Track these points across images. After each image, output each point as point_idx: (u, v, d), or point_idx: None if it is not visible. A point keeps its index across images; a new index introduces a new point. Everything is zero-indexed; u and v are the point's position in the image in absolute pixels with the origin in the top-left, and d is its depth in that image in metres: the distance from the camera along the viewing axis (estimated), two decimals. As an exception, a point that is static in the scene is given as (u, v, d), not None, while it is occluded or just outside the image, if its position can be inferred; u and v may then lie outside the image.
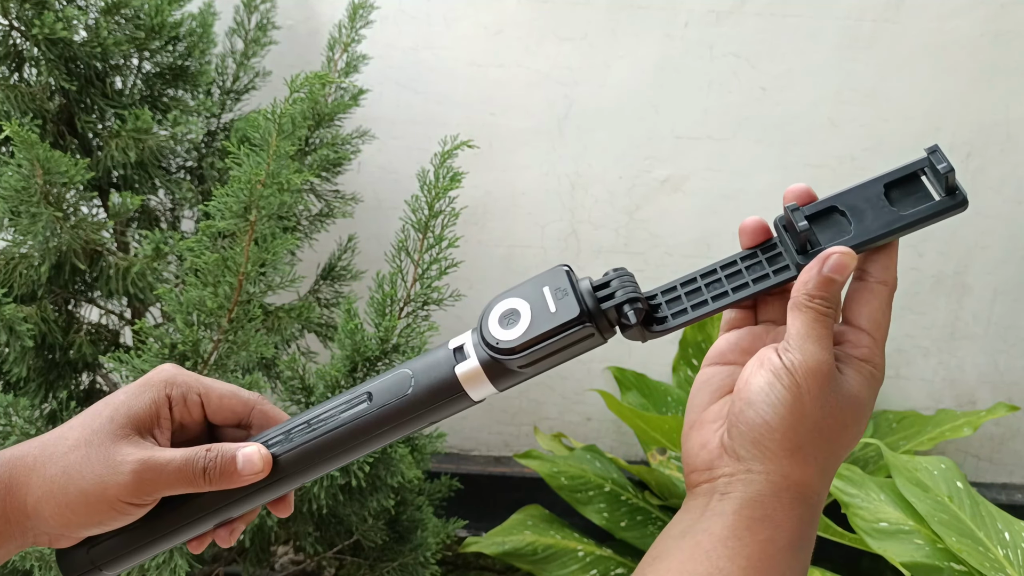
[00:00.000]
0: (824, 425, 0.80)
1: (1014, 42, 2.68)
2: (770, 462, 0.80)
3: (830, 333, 0.81)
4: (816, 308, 0.81)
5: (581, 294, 0.84)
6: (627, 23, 2.70)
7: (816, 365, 0.79)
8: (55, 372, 2.18)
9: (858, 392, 0.81)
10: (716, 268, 0.90)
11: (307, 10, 2.71)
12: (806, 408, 0.79)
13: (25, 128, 1.86)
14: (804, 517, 0.80)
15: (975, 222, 2.87)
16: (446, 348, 0.88)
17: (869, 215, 0.85)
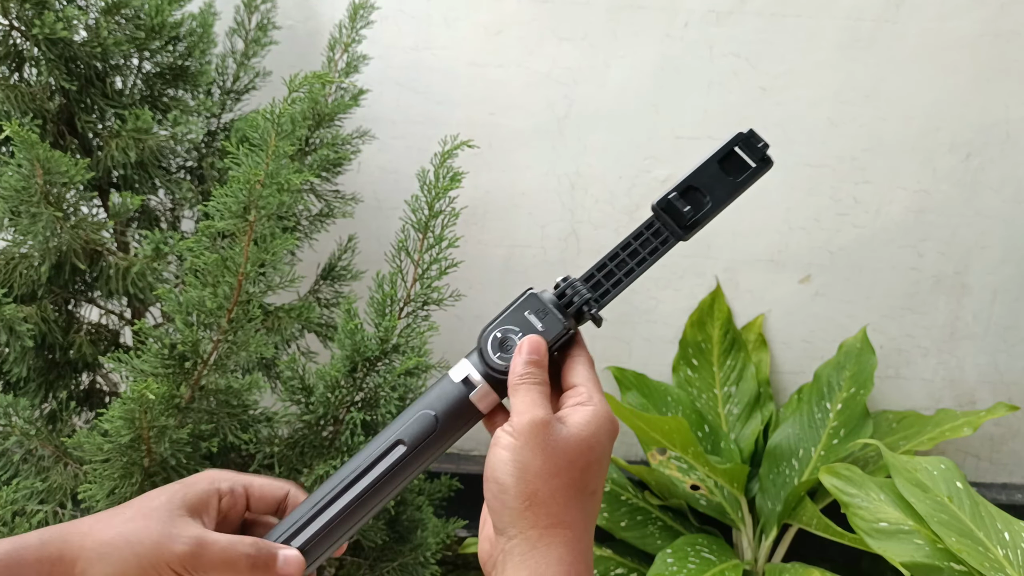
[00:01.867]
0: (551, 467, 0.91)
1: (1014, 42, 2.68)
2: (518, 522, 0.90)
3: (541, 398, 0.95)
4: (524, 383, 0.96)
5: (557, 310, 1.02)
6: (627, 23, 2.70)
7: (530, 420, 0.92)
8: (55, 372, 2.17)
9: (579, 429, 0.94)
10: (618, 251, 1.09)
11: (307, 10, 2.71)
12: (526, 459, 0.91)
13: (25, 128, 1.86)
14: (564, 557, 0.90)
15: (975, 222, 2.87)
16: (453, 383, 1.01)
17: (716, 186, 1.06)
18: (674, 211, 1.06)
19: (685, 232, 1.06)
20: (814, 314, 3.03)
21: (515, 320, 1.00)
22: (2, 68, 2.03)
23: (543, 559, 0.89)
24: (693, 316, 3.01)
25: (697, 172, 1.07)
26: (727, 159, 1.07)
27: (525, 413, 0.93)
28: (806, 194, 2.86)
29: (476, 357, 1.01)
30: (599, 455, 0.95)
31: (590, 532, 0.95)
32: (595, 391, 0.98)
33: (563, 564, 0.89)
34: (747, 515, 2.75)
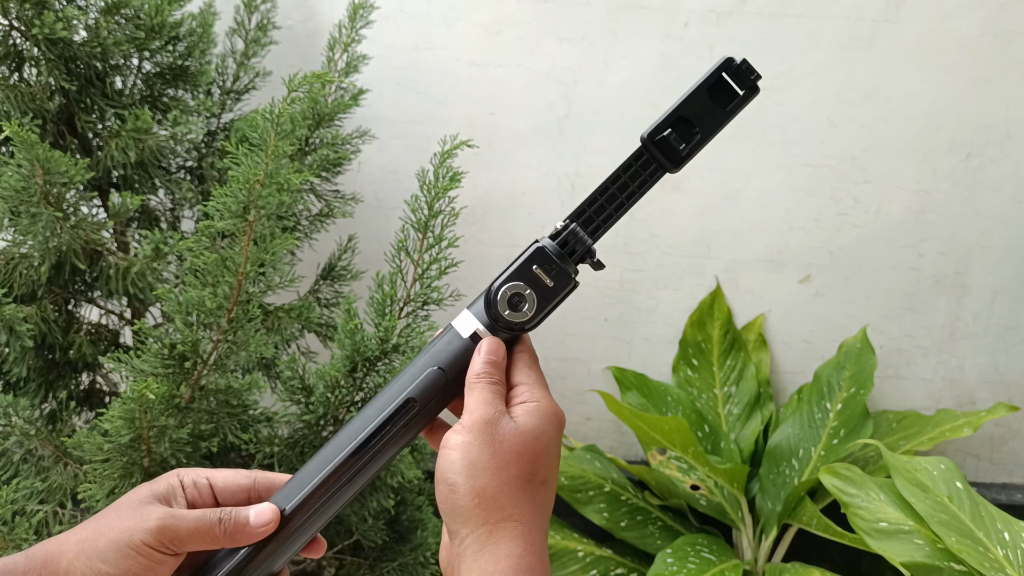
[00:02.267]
0: (499, 461, 0.93)
1: (1013, 42, 2.68)
2: (469, 520, 0.92)
3: (494, 396, 0.97)
4: (480, 381, 0.98)
5: (565, 264, 1.02)
6: (627, 23, 2.70)
7: (480, 416, 0.95)
8: (55, 372, 2.18)
9: (524, 424, 0.96)
10: (608, 185, 1.08)
11: (307, 10, 2.71)
12: (475, 455, 0.93)
13: (25, 128, 1.86)
14: (514, 550, 0.90)
15: (975, 222, 2.87)
16: (462, 338, 1.02)
17: (705, 117, 1.06)
18: (665, 144, 1.05)
19: (675, 165, 1.06)
20: (814, 314, 3.03)
21: (524, 276, 1.00)
22: (2, 68, 2.03)
23: (493, 555, 0.90)
24: (693, 316, 3.01)
25: (686, 103, 1.05)
26: (715, 87, 1.07)
27: (476, 410, 0.95)
28: (806, 194, 2.87)
29: (482, 311, 1.01)
30: (546, 445, 0.96)
31: (542, 523, 0.96)
32: (536, 387, 1.00)
33: (512, 557, 0.90)
34: (747, 515, 2.75)
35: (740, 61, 1.06)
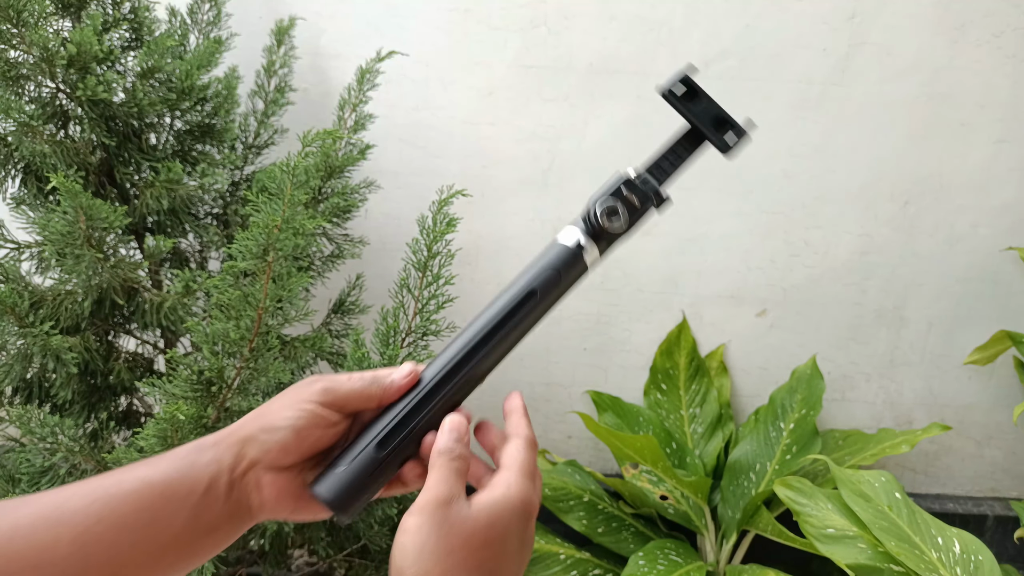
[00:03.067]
0: (445, 545, 0.80)
1: (946, 103, 2.70)
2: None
3: (453, 476, 0.85)
4: (440, 459, 0.87)
5: (646, 187, 1.04)
6: (603, 86, 2.71)
7: (432, 497, 0.82)
8: (96, 395, 2.18)
9: (479, 510, 0.83)
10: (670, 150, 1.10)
11: (320, 74, 2.73)
12: (423, 538, 0.80)
13: (70, 179, 1.87)
14: None
15: (912, 262, 2.89)
16: (567, 247, 1.01)
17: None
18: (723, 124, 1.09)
19: (723, 151, 1.09)
20: (769, 344, 3.04)
21: (617, 196, 1.02)
22: (49, 126, 2.04)
23: None
24: (662, 346, 3.02)
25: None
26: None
27: (431, 490, 0.84)
28: (763, 238, 2.88)
29: (582, 224, 1.02)
30: (500, 534, 0.83)
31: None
32: (515, 472, 0.88)
33: None
34: (710, 522, 2.75)
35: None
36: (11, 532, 0.74)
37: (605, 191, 1.02)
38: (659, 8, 2.63)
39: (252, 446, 0.88)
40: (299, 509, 0.93)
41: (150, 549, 0.81)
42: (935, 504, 3.17)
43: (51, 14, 2.00)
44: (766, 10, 2.62)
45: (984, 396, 3.10)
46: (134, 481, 0.82)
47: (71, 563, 0.76)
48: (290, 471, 0.91)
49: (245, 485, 0.88)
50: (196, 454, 0.87)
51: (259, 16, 2.66)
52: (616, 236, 1.02)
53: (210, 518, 0.85)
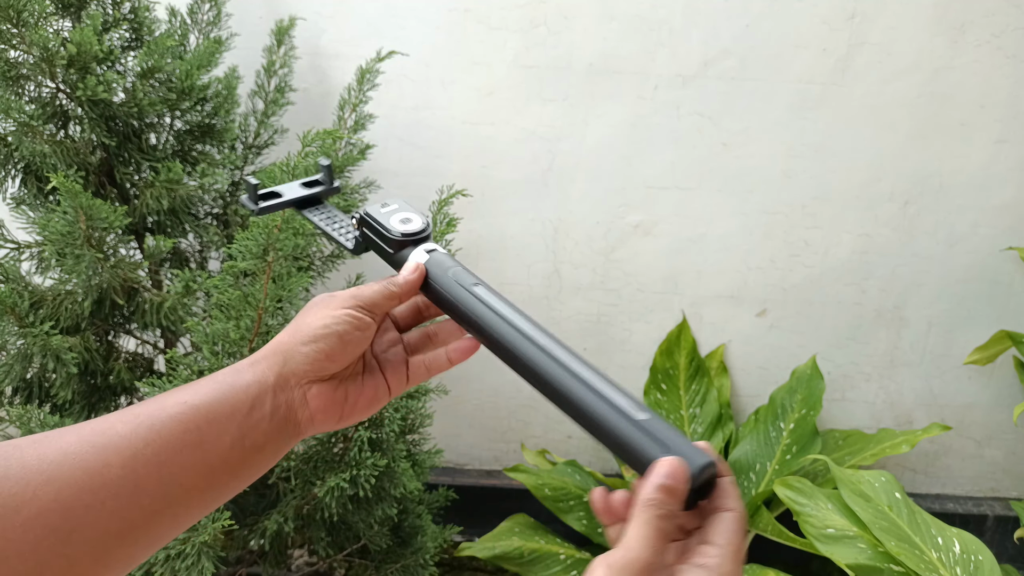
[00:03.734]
0: None
1: (946, 103, 2.70)
2: None
3: (658, 538, 0.72)
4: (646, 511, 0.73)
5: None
6: (603, 86, 2.71)
7: (635, 558, 0.70)
8: (96, 395, 2.18)
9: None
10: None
11: (320, 74, 2.73)
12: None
13: (70, 179, 1.87)
14: None
15: (912, 263, 2.89)
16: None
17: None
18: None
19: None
20: (769, 344, 3.04)
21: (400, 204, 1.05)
22: (50, 126, 2.04)
23: None
24: (662, 346, 3.02)
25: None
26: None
27: (633, 550, 0.70)
28: (763, 238, 2.88)
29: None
30: None
31: None
32: (727, 558, 0.74)
33: None
34: (710, 523, 2.75)
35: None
36: (60, 458, 0.74)
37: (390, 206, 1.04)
38: (659, 8, 2.63)
39: (295, 360, 0.90)
40: (344, 417, 0.95)
41: (200, 470, 0.82)
42: (935, 504, 3.17)
43: (51, 14, 2.00)
44: (766, 10, 2.62)
45: (984, 396, 3.09)
46: (177, 405, 0.82)
47: (124, 486, 0.76)
48: (333, 380, 0.93)
49: (292, 401, 0.89)
50: (234, 376, 0.88)
51: (259, 16, 2.66)
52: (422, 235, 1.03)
53: (256, 437, 0.86)
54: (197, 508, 0.83)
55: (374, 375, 0.98)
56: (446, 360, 0.99)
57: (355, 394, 0.95)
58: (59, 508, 0.72)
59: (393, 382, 0.99)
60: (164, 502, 0.79)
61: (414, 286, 0.98)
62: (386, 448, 2.05)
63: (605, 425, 0.82)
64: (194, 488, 0.81)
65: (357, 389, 0.96)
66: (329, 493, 1.97)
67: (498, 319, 0.92)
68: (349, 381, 0.95)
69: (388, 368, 0.99)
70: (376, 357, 1.00)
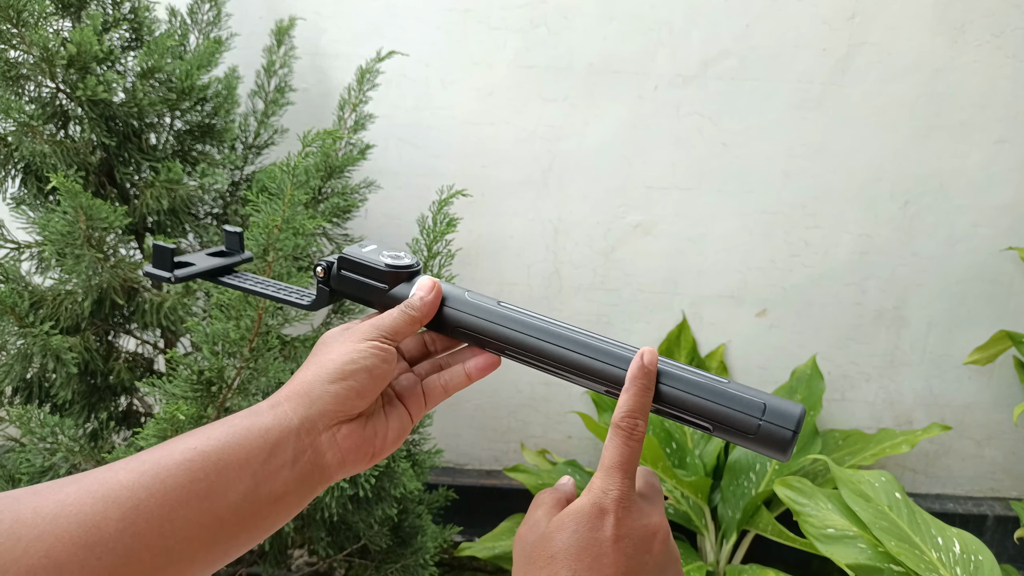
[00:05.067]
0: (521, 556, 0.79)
1: (946, 103, 2.70)
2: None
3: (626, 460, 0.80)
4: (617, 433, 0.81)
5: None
6: (604, 86, 2.71)
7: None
8: (96, 395, 2.18)
9: (571, 510, 0.78)
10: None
11: (320, 74, 2.73)
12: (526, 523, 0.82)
13: (70, 179, 1.87)
14: None
15: (912, 262, 2.89)
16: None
17: None
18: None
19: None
20: (769, 344, 3.04)
21: (378, 249, 0.99)
22: (50, 126, 2.04)
23: None
24: (662, 346, 3.02)
25: None
26: None
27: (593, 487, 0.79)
28: (762, 238, 2.88)
29: None
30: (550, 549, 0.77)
31: None
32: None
33: None
34: (710, 522, 2.75)
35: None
36: (56, 511, 0.70)
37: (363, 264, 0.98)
38: (659, 8, 2.63)
39: (323, 400, 0.84)
40: (376, 454, 0.90)
41: (206, 522, 0.77)
42: (935, 504, 3.17)
43: (51, 14, 2.00)
44: (766, 10, 2.62)
45: (984, 396, 3.09)
46: (185, 451, 0.78)
47: (122, 540, 0.72)
48: (361, 418, 0.88)
49: (318, 444, 0.84)
50: (251, 419, 0.82)
51: (259, 16, 2.66)
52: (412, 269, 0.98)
53: (274, 486, 0.81)
54: (203, 565, 0.78)
55: (394, 405, 0.93)
56: (465, 377, 0.96)
57: (383, 428, 0.90)
58: (50, 565, 0.69)
59: (412, 407, 0.95)
60: (166, 558, 0.75)
61: (433, 306, 0.93)
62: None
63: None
64: (200, 543, 0.77)
65: (383, 422, 0.91)
66: (329, 493, 1.97)
67: (542, 328, 0.93)
68: (375, 416, 0.90)
69: (404, 395, 0.95)
70: (392, 387, 0.95)
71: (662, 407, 0.85)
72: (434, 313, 0.94)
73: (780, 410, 0.81)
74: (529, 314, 0.95)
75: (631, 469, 0.80)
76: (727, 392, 0.83)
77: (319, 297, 0.98)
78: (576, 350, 0.90)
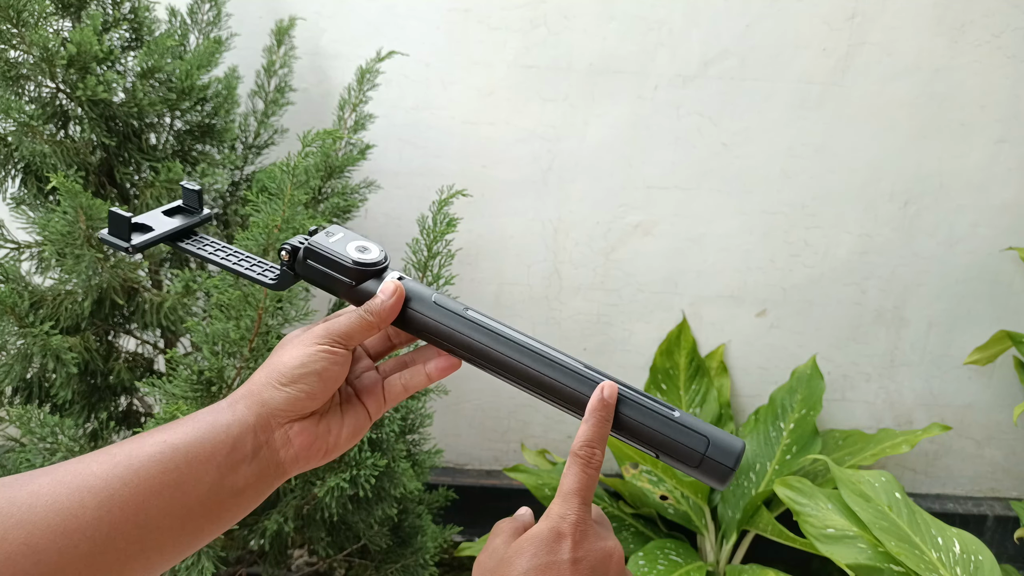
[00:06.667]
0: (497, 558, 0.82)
1: (946, 103, 2.70)
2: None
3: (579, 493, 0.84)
4: (575, 463, 0.85)
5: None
6: (604, 86, 2.71)
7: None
8: (96, 395, 2.18)
9: (529, 536, 0.81)
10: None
11: (320, 74, 2.73)
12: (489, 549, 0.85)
13: (70, 179, 1.87)
14: None
15: (912, 262, 2.89)
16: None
17: None
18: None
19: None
20: (769, 344, 3.04)
21: (352, 236, 0.98)
22: (49, 126, 2.04)
23: None
24: (662, 346, 3.02)
25: None
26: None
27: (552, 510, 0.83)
28: (762, 238, 2.88)
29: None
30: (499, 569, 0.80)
31: None
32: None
33: None
34: (710, 522, 2.75)
35: None
36: (31, 500, 0.73)
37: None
38: (659, 8, 2.63)
39: (274, 401, 0.88)
40: (330, 450, 0.94)
41: (177, 511, 0.80)
42: (935, 504, 3.17)
43: (51, 14, 2.00)
44: (766, 10, 2.62)
45: (984, 396, 3.10)
46: (156, 444, 0.81)
47: (99, 528, 0.74)
48: (314, 415, 0.91)
49: (273, 442, 0.88)
50: (214, 415, 0.86)
51: (259, 16, 2.66)
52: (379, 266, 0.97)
53: (236, 479, 0.85)
54: (171, 553, 0.82)
55: (352, 404, 0.96)
56: (425, 378, 0.98)
57: (337, 426, 0.94)
58: (29, 552, 0.71)
59: (371, 406, 0.97)
60: (139, 545, 0.78)
61: (393, 312, 0.93)
62: (386, 448, 2.05)
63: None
64: (170, 531, 0.80)
65: (338, 421, 0.94)
66: (329, 493, 1.96)
67: (507, 340, 0.93)
68: (330, 414, 0.94)
69: (364, 393, 0.98)
70: (351, 384, 0.98)
71: (613, 432, 0.88)
72: (393, 318, 0.94)
73: (723, 445, 0.85)
74: (495, 324, 0.95)
75: (588, 495, 0.84)
76: (675, 424, 0.86)
77: (282, 278, 0.98)
78: (535, 367, 0.91)
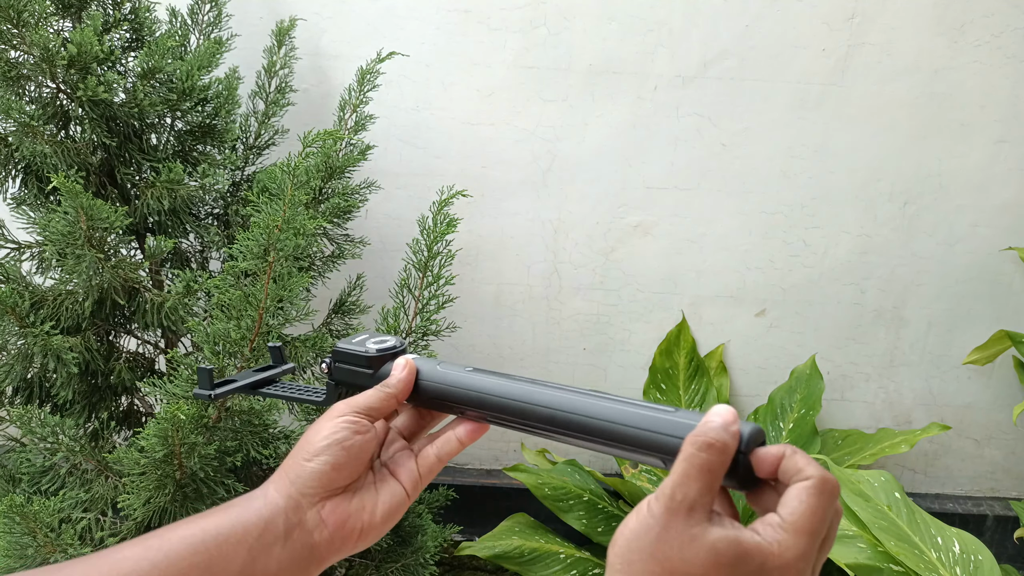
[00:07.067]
0: (661, 552, 0.68)
1: (945, 103, 2.70)
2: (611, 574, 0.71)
3: (696, 473, 0.70)
4: (689, 451, 0.71)
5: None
6: (603, 87, 2.71)
7: (672, 494, 0.69)
8: (97, 395, 2.18)
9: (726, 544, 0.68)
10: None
11: (321, 75, 2.73)
12: (644, 526, 0.70)
13: (71, 179, 1.87)
14: None
15: (911, 262, 2.89)
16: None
17: None
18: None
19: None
20: (769, 344, 3.04)
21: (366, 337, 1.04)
22: (50, 126, 2.04)
23: None
24: (662, 346, 3.02)
25: None
26: None
27: (676, 484, 0.70)
28: (762, 238, 2.88)
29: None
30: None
31: None
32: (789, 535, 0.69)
33: None
34: (710, 522, 2.75)
35: None
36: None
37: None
38: (659, 8, 2.63)
39: (302, 478, 0.88)
40: (366, 531, 0.93)
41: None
42: (935, 504, 3.17)
43: (51, 14, 2.00)
44: (766, 10, 2.62)
45: (984, 396, 3.10)
46: (188, 527, 0.82)
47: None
48: (347, 492, 0.91)
49: (306, 523, 0.88)
50: (246, 501, 0.87)
51: (260, 17, 2.66)
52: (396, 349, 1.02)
53: (268, 562, 0.85)
54: None
55: (386, 480, 0.96)
56: (457, 443, 0.98)
57: (371, 502, 0.93)
58: None
59: (406, 480, 0.96)
60: None
61: (407, 382, 0.97)
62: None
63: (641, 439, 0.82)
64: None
65: (372, 497, 0.93)
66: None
67: (507, 389, 0.92)
68: (363, 491, 0.93)
69: (398, 470, 0.97)
70: (386, 465, 0.98)
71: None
72: (410, 388, 0.98)
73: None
74: (502, 377, 0.95)
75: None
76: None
77: (329, 393, 1.05)
78: (541, 404, 0.90)
